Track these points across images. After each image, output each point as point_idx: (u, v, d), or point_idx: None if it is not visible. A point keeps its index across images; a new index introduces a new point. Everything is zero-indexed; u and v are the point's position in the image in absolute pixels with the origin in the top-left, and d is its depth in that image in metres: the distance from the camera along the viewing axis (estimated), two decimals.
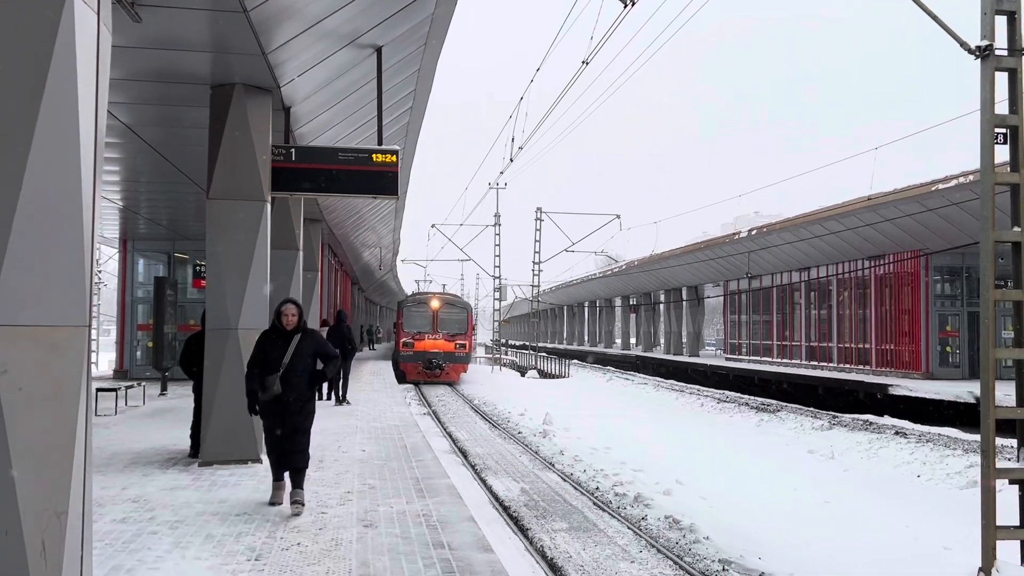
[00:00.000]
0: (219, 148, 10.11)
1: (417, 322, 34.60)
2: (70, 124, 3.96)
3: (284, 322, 7.78)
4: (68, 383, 4.02)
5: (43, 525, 3.85)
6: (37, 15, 3.81)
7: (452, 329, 34.67)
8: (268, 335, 7.90)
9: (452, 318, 34.99)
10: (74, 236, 4.01)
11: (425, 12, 10.86)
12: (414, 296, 39.68)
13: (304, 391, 7.80)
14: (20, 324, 3.83)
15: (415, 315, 34.91)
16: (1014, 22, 9.23)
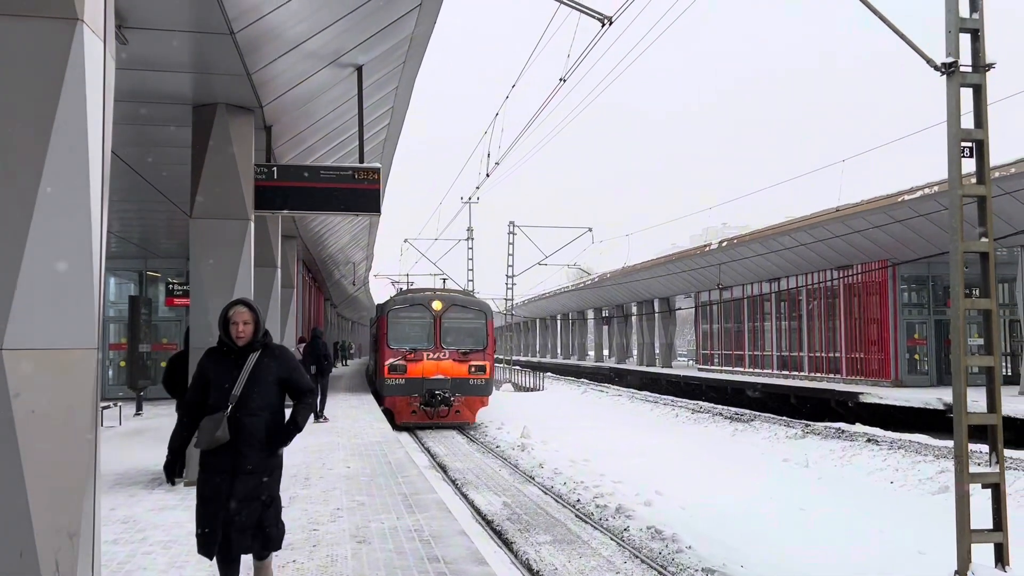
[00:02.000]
0: (202, 167, 10.15)
1: (410, 333, 23.41)
2: (80, 150, 4.04)
3: (234, 334, 5.18)
4: (79, 404, 4.08)
5: (56, 545, 3.90)
6: (51, 43, 3.89)
7: (464, 343, 23.38)
8: (211, 356, 5.34)
9: (464, 326, 23.80)
10: (83, 261, 4.08)
11: (405, 31, 11.01)
12: (405, 296, 25.83)
13: (266, 439, 5.15)
14: (33, 348, 3.89)
15: (407, 323, 23.57)
16: (977, 40, 9.57)
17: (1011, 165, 20.20)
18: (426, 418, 22.58)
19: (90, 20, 4.04)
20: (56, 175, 3.93)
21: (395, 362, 22.60)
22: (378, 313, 26.39)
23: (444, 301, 23.71)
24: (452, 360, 22.86)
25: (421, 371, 22.63)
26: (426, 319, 23.31)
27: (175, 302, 25.54)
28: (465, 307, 24.13)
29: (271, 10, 8.06)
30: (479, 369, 23.06)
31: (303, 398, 5.36)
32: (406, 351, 22.77)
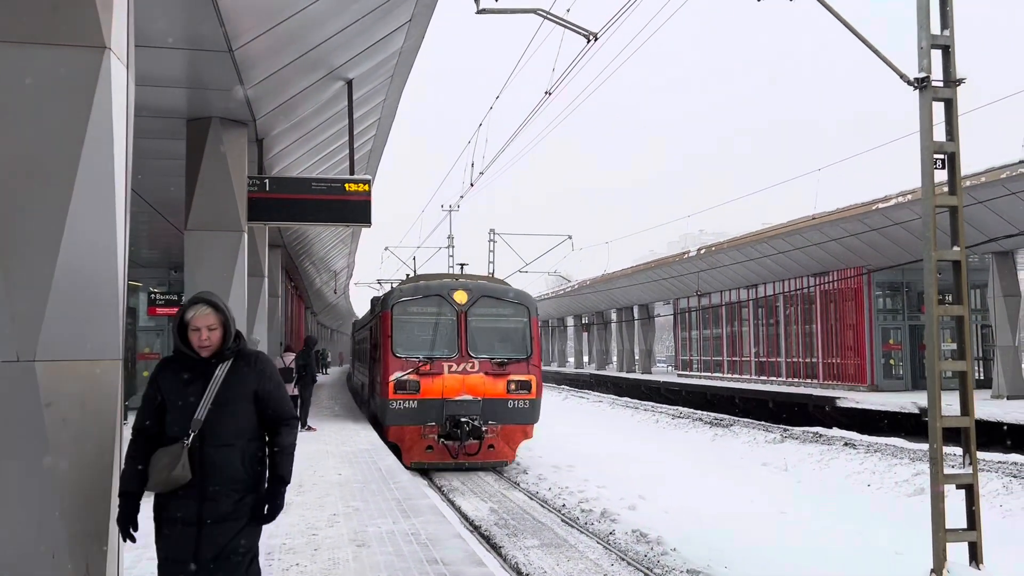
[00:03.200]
0: (196, 180, 10.34)
1: (424, 336, 17.06)
2: (107, 171, 4.25)
3: (195, 343, 4.06)
4: (106, 413, 4.28)
5: (86, 549, 4.09)
6: (81, 69, 4.10)
7: (500, 350, 17.02)
8: (167, 368, 4.16)
9: (499, 326, 17.36)
10: (110, 276, 4.28)
11: (395, 46, 11.24)
12: (415, 284, 18.51)
13: (240, 478, 4.00)
14: (63, 359, 4.08)
15: (419, 321, 17.13)
16: (949, 55, 9.94)
17: (981, 174, 20.73)
18: (447, 456, 16.21)
19: (115, 47, 4.25)
20: (85, 195, 4.12)
21: (403, 377, 15.94)
22: (376, 308, 18.85)
23: (470, 291, 16.89)
24: (483, 374, 16.28)
25: (440, 390, 16.02)
26: (446, 316, 16.67)
27: (158, 311, 25.55)
28: (500, 299, 17.09)
29: (269, 28, 8.27)
30: (521, 386, 16.24)
31: (281, 427, 4.10)
32: (419, 361, 16.15)
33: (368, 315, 24.10)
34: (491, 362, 16.55)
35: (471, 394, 16.25)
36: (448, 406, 16.14)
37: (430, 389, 16.17)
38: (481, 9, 10.54)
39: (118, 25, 4.29)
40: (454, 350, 16.57)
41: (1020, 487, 14.06)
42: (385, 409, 16.43)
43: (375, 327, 18.81)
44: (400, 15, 9.92)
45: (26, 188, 4.02)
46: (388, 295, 17.82)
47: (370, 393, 20.58)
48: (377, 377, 17.62)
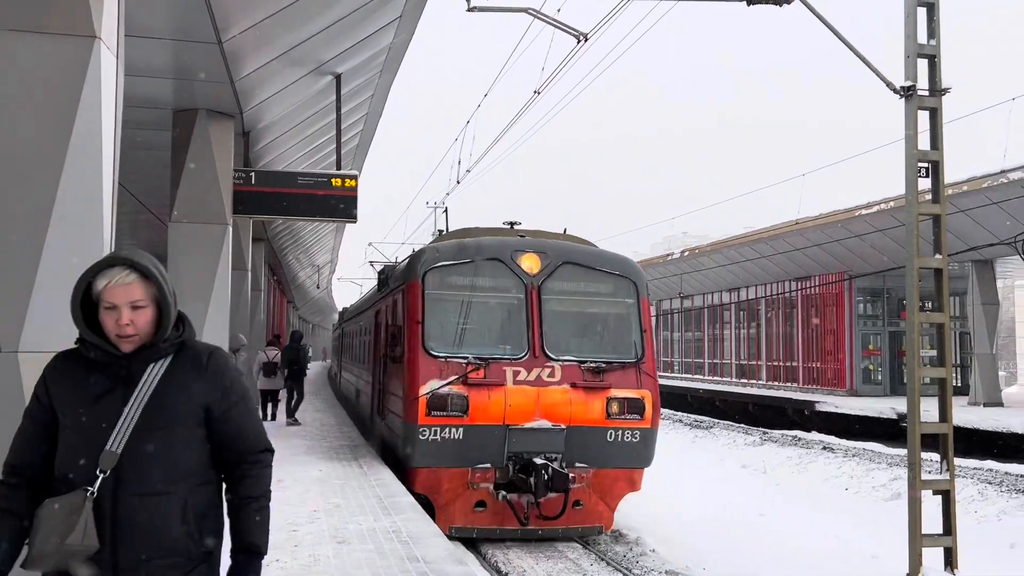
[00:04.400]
0: (181, 172, 10.27)
1: (472, 325, 11.20)
2: (95, 159, 4.22)
3: (110, 327, 2.62)
4: None
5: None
6: (71, 58, 4.07)
7: (595, 347, 11.43)
8: (61, 369, 2.77)
9: (591, 310, 11.82)
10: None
11: (384, 42, 11.21)
12: (460, 243, 11.58)
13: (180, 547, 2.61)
14: (47, 351, 4.03)
15: (466, 302, 11.18)
16: (934, 65, 10.04)
17: (963, 183, 20.94)
18: (511, 518, 10.56)
19: (106, 37, 4.23)
20: (73, 184, 4.10)
21: (441, 389, 10.29)
22: (392, 282, 13.14)
23: (546, 254, 11.18)
24: (569, 386, 10.59)
25: (501, 411, 10.38)
26: (508, 292, 11.08)
27: None
28: (592, 268, 11.43)
29: (258, 21, 8.23)
30: (630, 407, 10.73)
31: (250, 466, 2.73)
32: (465, 363, 10.47)
33: (372, 295, 17.40)
34: (581, 368, 10.57)
35: (549, 419, 10.27)
36: (514, 438, 10.18)
37: (484, 409, 10.19)
38: (472, 7, 10.53)
39: (108, 15, 4.27)
40: (521, 347, 10.65)
41: (995, 493, 14.22)
42: (411, 440, 10.26)
43: (388, 310, 13.13)
44: (391, 11, 9.89)
45: (13, 177, 3.99)
46: (415, 259, 11.25)
47: (377, 409, 13.87)
48: (394, 387, 11.58)
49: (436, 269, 11.04)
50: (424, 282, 10.91)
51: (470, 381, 10.36)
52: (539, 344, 10.80)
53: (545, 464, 10.12)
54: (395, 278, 12.97)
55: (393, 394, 12.04)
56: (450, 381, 10.32)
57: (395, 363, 11.77)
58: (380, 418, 13.85)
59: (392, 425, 12.13)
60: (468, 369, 10.43)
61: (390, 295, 13.30)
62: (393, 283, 13.17)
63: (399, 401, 11.20)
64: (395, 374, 11.86)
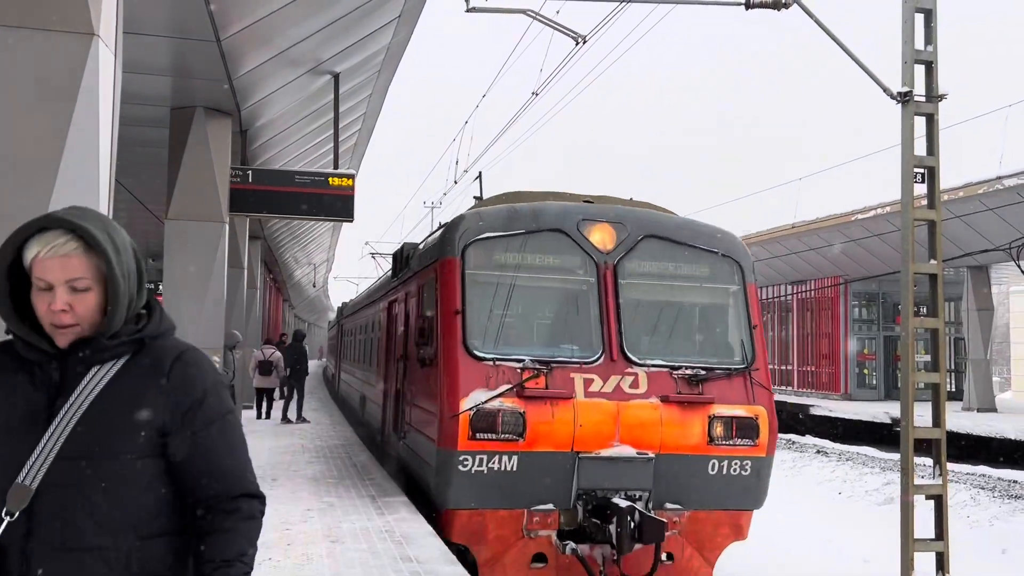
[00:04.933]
0: (178, 169, 10.27)
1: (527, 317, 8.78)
2: (92, 155, 4.22)
3: (43, 313, 1.91)
4: None
5: None
6: (69, 55, 4.07)
7: (690, 348, 8.70)
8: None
9: (686, 299, 8.92)
10: None
11: (383, 42, 11.22)
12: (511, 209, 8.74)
13: None
14: None
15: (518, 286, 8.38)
16: (931, 71, 10.07)
17: (959, 189, 20.99)
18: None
19: (104, 34, 4.23)
20: (70, 180, 4.10)
21: (489, 403, 7.79)
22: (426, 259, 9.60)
23: (623, 224, 8.79)
24: (657, 400, 8.16)
25: (568, 432, 7.92)
26: (574, 272, 8.73)
27: None
28: (682, 244, 8.92)
29: (257, 19, 8.24)
30: (741, 429, 8.34)
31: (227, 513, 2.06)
32: (520, 368, 8.02)
33: (384, 284, 14.71)
34: (674, 375, 8.20)
35: (633, 445, 7.91)
36: (585, 470, 7.85)
37: (547, 431, 7.78)
38: (471, 8, 10.53)
39: (107, 12, 4.27)
40: (594, 348, 8.24)
41: (987, 498, 14.27)
42: (446, 472, 7.89)
43: (410, 300, 10.50)
44: (389, 11, 9.90)
45: (10, 172, 3.99)
46: (452, 229, 8.58)
47: (394, 426, 11.25)
48: (421, 398, 9.17)
49: (480, 243, 8.32)
50: (465, 259, 8.22)
51: (527, 392, 7.69)
52: (617, 343, 8.13)
53: (631, 507, 7.41)
54: (421, 257, 9.80)
55: (419, 408, 9.16)
56: (501, 392, 7.63)
57: (423, 367, 8.78)
58: (398, 437, 10.74)
59: (417, 448, 9.21)
60: (526, 376, 7.73)
61: (413, 280, 10.28)
62: (419, 263, 9.91)
63: (429, 418, 8.45)
64: (423, 381, 9.01)
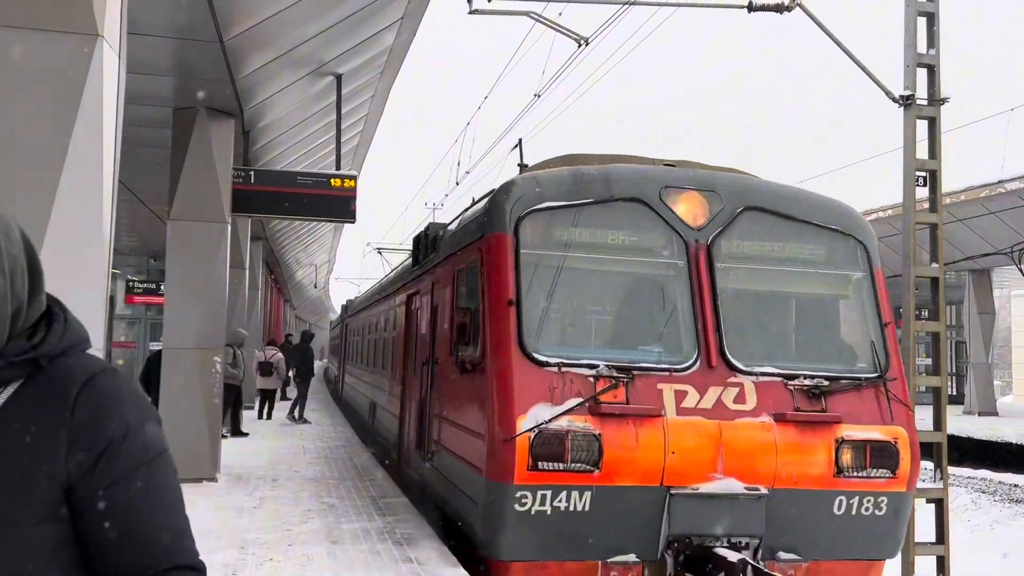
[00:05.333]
0: (181, 170, 10.26)
1: (599, 310, 7.33)
2: (96, 157, 4.23)
3: None
4: None
5: None
6: (74, 56, 4.08)
7: (807, 351, 7.05)
8: None
9: (800, 289, 7.23)
10: (95, 264, 4.26)
11: (386, 43, 11.22)
12: (576, 172, 7.01)
13: None
14: None
15: (585, 270, 6.90)
16: (934, 74, 10.08)
17: (961, 192, 21.00)
18: None
19: (108, 35, 4.24)
20: (74, 180, 4.11)
21: (553, 421, 5.99)
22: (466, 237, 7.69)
23: (715, 193, 6.96)
24: (769, 419, 6.32)
25: (656, 461, 6.09)
26: (657, 252, 6.90)
27: (135, 300, 25.37)
28: (791, 219, 7.08)
29: (261, 20, 8.24)
30: (878, 457, 6.43)
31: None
32: (594, 375, 6.25)
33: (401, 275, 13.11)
34: (789, 387, 6.56)
35: (741, 477, 6.27)
36: (679, 510, 6.22)
37: (629, 459, 6.16)
38: (474, 9, 10.54)
39: (111, 13, 4.28)
40: (684, 349, 6.64)
41: (988, 502, 14.26)
42: (499, 513, 6.24)
43: (441, 289, 8.69)
44: (393, 12, 9.90)
45: (13, 173, 4.01)
46: (501, 198, 6.93)
47: (417, 444, 9.55)
48: (460, 413, 7.46)
49: (539, 215, 6.64)
50: (519, 235, 6.55)
51: (603, 408, 5.99)
52: (716, 345, 6.44)
53: (742, 560, 5.89)
54: (457, 236, 8.05)
55: (456, 425, 7.42)
56: (570, 408, 5.94)
57: (463, 373, 7.01)
58: (423, 457, 9.00)
59: (454, 477, 7.44)
60: (601, 386, 6.06)
61: (444, 266, 8.50)
62: (453, 245, 8.19)
63: (472, 440, 6.72)
64: (462, 392, 7.28)
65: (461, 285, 7.74)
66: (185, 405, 9.96)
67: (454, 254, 8.15)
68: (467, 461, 6.94)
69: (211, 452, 10.23)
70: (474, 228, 7.36)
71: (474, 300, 7.01)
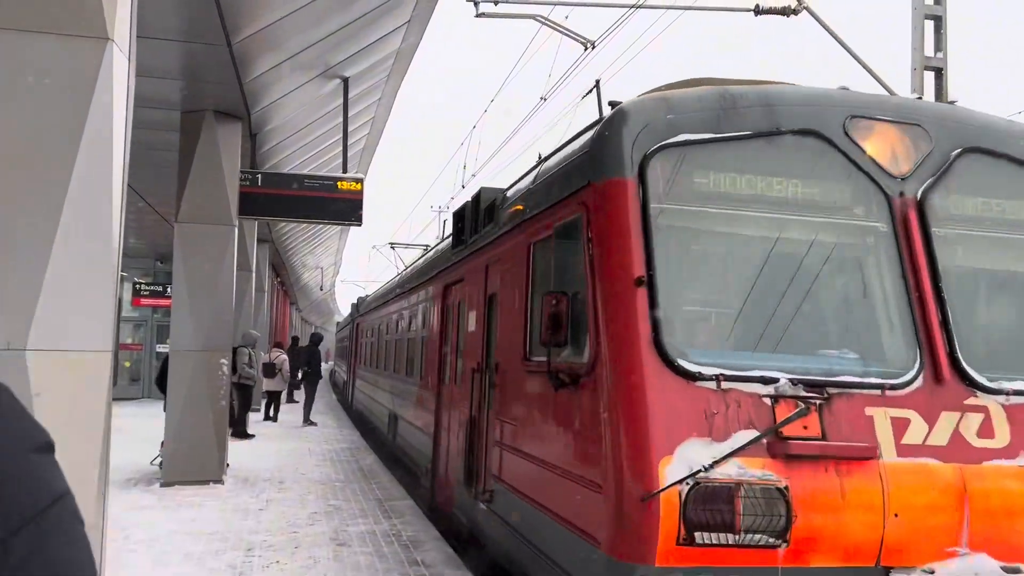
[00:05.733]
0: (188, 172, 10.29)
1: (768, 287, 4.56)
2: (105, 160, 4.25)
3: None
4: (94, 403, 4.27)
5: None
6: (84, 60, 4.10)
7: None
8: None
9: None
10: (104, 267, 4.28)
11: (392, 46, 11.25)
12: (715, 101, 4.73)
13: None
14: (54, 349, 4.07)
15: (742, 239, 4.77)
16: (941, 77, 10.08)
17: None
18: None
19: (118, 39, 4.26)
20: (82, 184, 4.13)
21: (716, 468, 3.94)
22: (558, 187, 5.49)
23: (921, 129, 4.88)
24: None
25: (871, 526, 4.05)
26: (848, 210, 4.79)
27: (142, 302, 25.42)
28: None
29: (268, 24, 8.27)
30: None
31: None
32: (771, 394, 4.20)
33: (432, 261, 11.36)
34: None
35: (997, 553, 4.13)
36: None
37: (829, 526, 4.06)
38: (480, 13, 10.55)
39: (121, 17, 4.30)
40: (897, 355, 4.57)
41: None
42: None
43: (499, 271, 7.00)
44: (399, 15, 9.93)
45: (24, 176, 4.03)
46: (613, 127, 4.78)
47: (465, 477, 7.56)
48: (544, 445, 5.47)
49: (673, 151, 4.70)
50: (646, 180, 4.62)
51: (791, 448, 4.12)
52: (946, 349, 4.53)
53: None
54: (539, 193, 6.03)
55: (542, 463, 5.43)
56: (741, 447, 4.06)
57: (558, 386, 5.03)
58: (475, 498, 6.99)
59: (540, 541, 5.39)
60: (785, 412, 4.19)
61: (516, 236, 6.42)
62: (532, 205, 6.12)
63: (577, 492, 4.74)
64: (554, 414, 5.33)
65: (546, 261, 5.62)
66: (191, 407, 9.99)
67: (530, 220, 5.97)
68: (567, 521, 4.79)
69: (218, 454, 10.26)
70: (569, 177, 5.26)
71: (572, 280, 4.96)
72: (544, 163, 6.23)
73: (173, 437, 10.08)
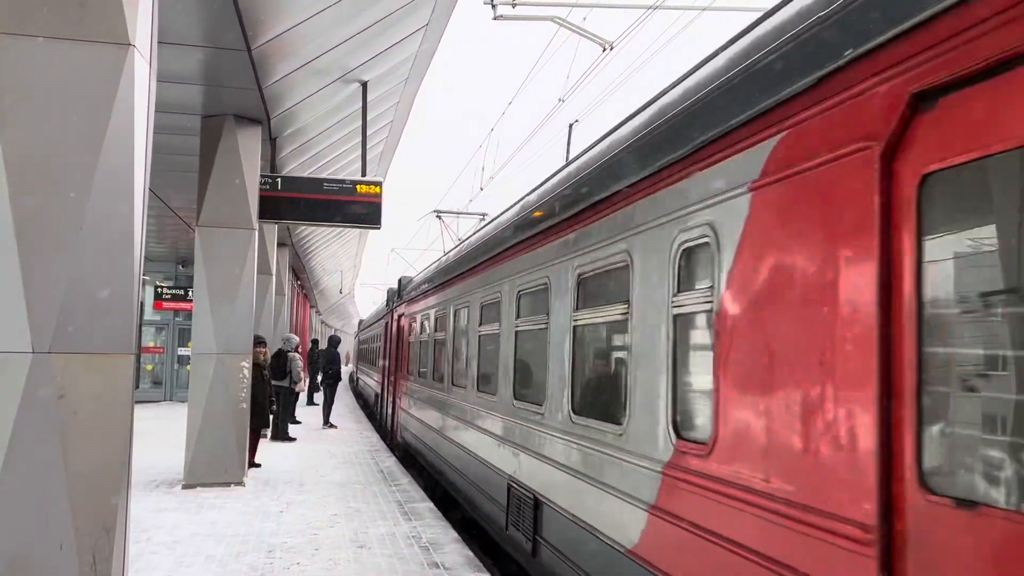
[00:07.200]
0: (209, 177, 10.37)
1: None
2: (127, 165, 4.28)
3: None
4: (117, 406, 4.31)
5: (93, 540, 4.11)
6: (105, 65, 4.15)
7: None
8: None
9: None
10: (126, 269, 4.31)
11: (410, 50, 11.28)
12: None
13: None
14: (78, 352, 4.11)
15: None
16: None
17: None
18: None
19: (139, 45, 4.30)
20: (104, 190, 4.17)
21: None
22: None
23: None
24: None
25: None
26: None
27: (164, 306, 25.63)
28: None
29: (287, 28, 8.32)
30: None
31: None
32: None
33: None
34: None
35: None
36: None
37: None
38: (498, 15, 10.57)
39: (143, 23, 4.34)
40: None
41: None
42: None
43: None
44: (417, 19, 9.96)
45: (47, 180, 4.06)
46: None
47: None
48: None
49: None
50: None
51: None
52: None
53: None
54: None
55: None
56: None
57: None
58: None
59: None
60: None
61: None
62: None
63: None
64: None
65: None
66: (213, 409, 10.06)
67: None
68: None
69: (239, 457, 10.32)
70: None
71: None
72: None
73: (193, 440, 10.15)
